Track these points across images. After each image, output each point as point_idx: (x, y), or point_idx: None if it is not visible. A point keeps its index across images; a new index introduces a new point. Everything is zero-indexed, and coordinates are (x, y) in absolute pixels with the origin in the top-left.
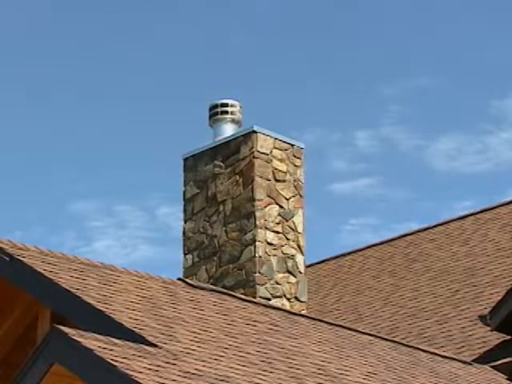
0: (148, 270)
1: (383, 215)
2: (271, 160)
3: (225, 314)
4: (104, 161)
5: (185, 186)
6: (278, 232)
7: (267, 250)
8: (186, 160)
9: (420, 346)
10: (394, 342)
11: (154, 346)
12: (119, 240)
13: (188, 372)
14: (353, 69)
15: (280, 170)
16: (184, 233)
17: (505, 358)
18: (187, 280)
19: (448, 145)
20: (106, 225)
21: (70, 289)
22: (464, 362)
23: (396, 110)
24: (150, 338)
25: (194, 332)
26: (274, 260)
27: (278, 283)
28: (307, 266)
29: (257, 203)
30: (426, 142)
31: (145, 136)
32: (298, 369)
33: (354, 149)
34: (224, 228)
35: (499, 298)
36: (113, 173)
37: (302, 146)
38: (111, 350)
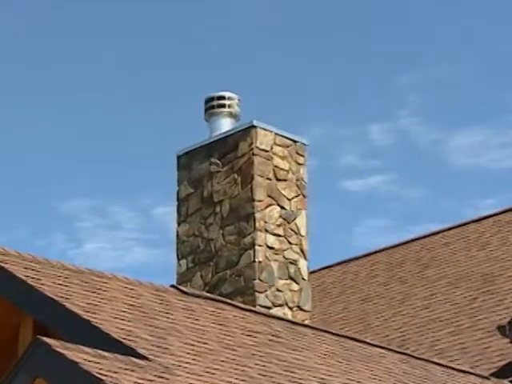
0: (142, 275)
1: (398, 216)
2: (272, 157)
3: (222, 324)
4: (95, 157)
5: (178, 185)
6: (279, 235)
7: (268, 255)
8: (179, 157)
9: (433, 359)
10: (405, 354)
11: (145, 358)
12: (111, 242)
13: None
14: (365, 57)
15: (281, 169)
16: (177, 236)
17: None
18: (181, 287)
19: (469, 139)
20: (97, 226)
21: (54, 297)
22: (481, 377)
23: (413, 100)
24: (140, 350)
25: (189, 344)
26: (274, 265)
27: (279, 291)
28: (311, 272)
29: (256, 204)
30: (445, 135)
31: (139, 131)
32: None
33: (367, 143)
34: (221, 231)
35: None
36: (105, 170)
37: (306, 143)
38: (98, 362)
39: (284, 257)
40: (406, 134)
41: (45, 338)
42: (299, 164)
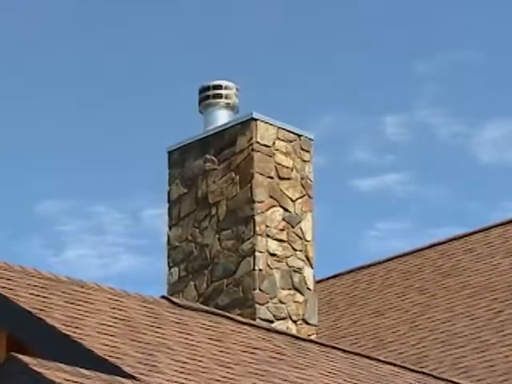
0: (130, 285)
1: (416, 218)
2: (274, 153)
3: (218, 340)
4: (78, 154)
5: (170, 184)
6: (282, 240)
7: (269, 262)
8: (170, 153)
9: (454, 379)
10: (423, 373)
11: (132, 377)
12: (96, 248)
13: None
14: (378, 42)
15: (285, 166)
16: (169, 241)
17: None
18: (172, 298)
19: (498, 131)
20: (80, 229)
21: (31, 309)
22: None
23: (432, 90)
24: (126, 369)
25: (180, 361)
26: (277, 274)
27: (282, 302)
28: (317, 282)
29: (256, 206)
30: (469, 128)
31: (125, 125)
32: None
33: (381, 137)
34: (217, 235)
35: None
36: (88, 167)
37: (312, 137)
38: (80, 382)
39: (287, 264)
40: (425, 126)
41: (20, 356)
42: (304, 161)
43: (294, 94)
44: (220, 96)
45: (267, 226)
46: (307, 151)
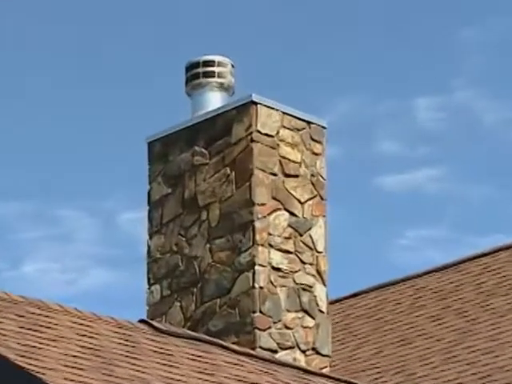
0: (103, 306)
1: (456, 224)
2: (278, 145)
3: (209, 374)
4: (38, 147)
5: (150, 183)
6: (287, 251)
7: (272, 279)
8: (151, 145)
9: None
10: None
11: None
12: (60, 260)
13: None
14: (407, 8)
15: (291, 160)
16: (149, 253)
17: None
18: (153, 323)
19: None
20: (42, 237)
21: None
22: None
23: (473, 65)
24: None
25: None
26: (281, 293)
27: (287, 327)
28: (332, 303)
29: (256, 209)
30: None
31: (99, 111)
32: None
33: (412, 124)
34: (208, 246)
35: None
36: (52, 162)
37: (324, 125)
38: None
39: (294, 281)
40: (466, 110)
41: None
42: (315, 154)
43: (303, 73)
44: (212, 74)
45: (270, 234)
46: (319, 142)
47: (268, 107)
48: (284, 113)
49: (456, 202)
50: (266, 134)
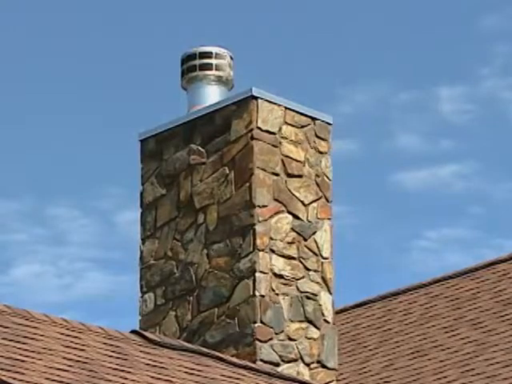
0: (100, 313)
1: (481, 224)
2: (281, 143)
3: None
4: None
5: (143, 183)
6: (291, 257)
7: (274, 286)
8: (144, 143)
9: None
10: None
11: None
12: (54, 264)
13: None
14: None
15: (294, 159)
16: (141, 258)
17: None
18: (146, 334)
19: None
20: (33, 239)
21: None
22: None
23: (502, 53)
24: None
25: None
26: (284, 302)
27: (290, 339)
28: (338, 312)
29: (257, 211)
30: None
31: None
32: None
33: (435, 116)
34: (205, 251)
35: None
36: (46, 159)
37: (330, 121)
38: None
39: (298, 289)
40: (494, 101)
41: None
42: (320, 152)
43: (312, 64)
44: (209, 67)
45: (271, 239)
46: (324, 139)
47: (269, 102)
48: (287, 108)
49: (481, 200)
50: (268, 131)
